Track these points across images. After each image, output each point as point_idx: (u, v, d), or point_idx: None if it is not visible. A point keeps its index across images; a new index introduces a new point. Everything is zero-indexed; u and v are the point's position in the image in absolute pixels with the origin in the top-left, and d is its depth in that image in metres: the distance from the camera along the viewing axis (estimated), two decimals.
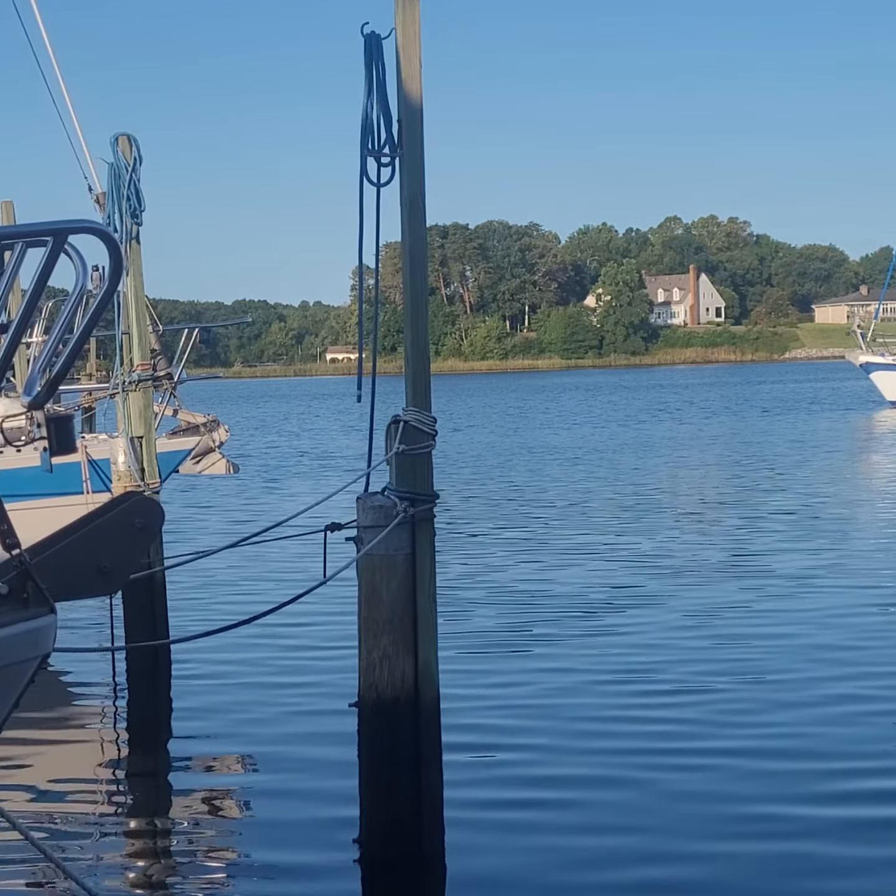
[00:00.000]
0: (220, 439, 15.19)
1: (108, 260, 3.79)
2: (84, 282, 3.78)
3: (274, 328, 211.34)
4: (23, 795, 8.59)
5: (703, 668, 11.31)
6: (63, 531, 4.09)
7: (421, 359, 6.95)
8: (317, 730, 9.82)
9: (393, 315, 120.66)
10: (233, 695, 11.01)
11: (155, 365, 12.46)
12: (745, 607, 13.99)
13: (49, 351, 3.92)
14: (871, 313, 75.71)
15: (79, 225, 3.74)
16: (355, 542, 6.96)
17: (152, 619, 11.45)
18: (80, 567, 4.09)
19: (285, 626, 12.60)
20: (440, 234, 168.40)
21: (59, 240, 3.71)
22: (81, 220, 3.78)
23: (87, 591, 4.15)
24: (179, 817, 8.33)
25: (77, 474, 13.03)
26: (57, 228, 3.71)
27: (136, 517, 4.26)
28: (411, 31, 6.74)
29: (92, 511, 4.25)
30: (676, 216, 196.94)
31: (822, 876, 6.96)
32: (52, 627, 3.90)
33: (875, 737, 9.25)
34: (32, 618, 3.80)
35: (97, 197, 12.25)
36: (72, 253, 3.77)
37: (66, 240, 3.72)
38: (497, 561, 17.77)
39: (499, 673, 11.45)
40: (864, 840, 7.40)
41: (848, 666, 11.34)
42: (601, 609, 14.13)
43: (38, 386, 3.94)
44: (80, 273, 3.77)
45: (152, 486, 11.64)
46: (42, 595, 3.83)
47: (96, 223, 3.80)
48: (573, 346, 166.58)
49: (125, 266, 10.72)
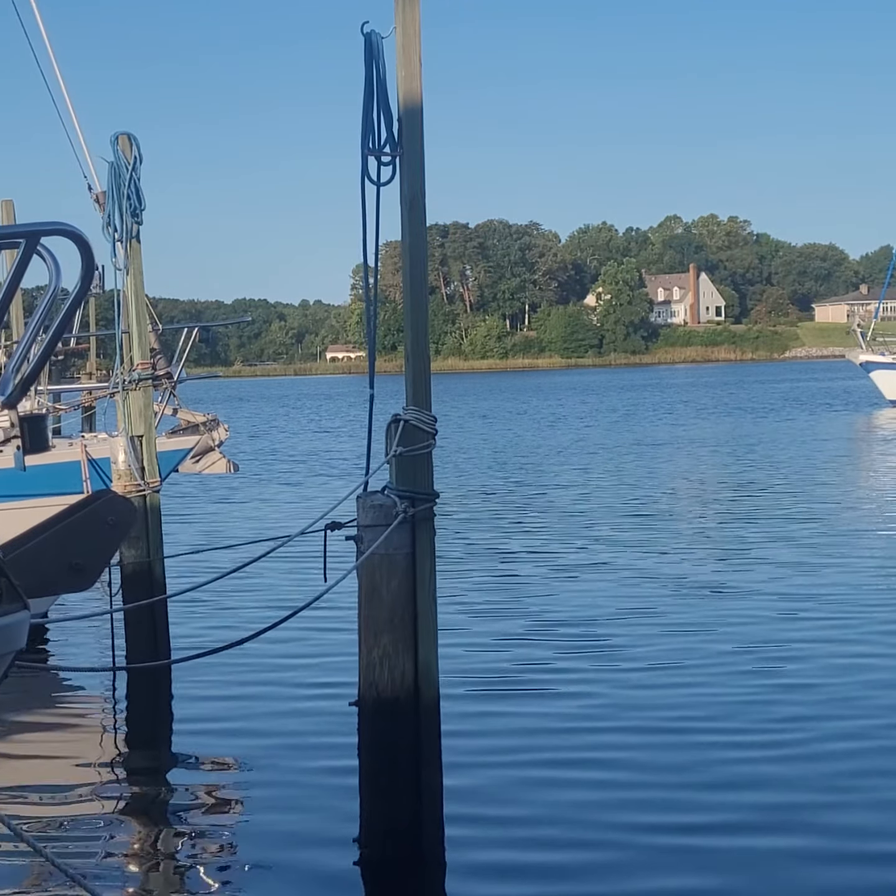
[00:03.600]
0: (220, 438, 15.16)
1: (80, 262, 3.78)
2: (57, 283, 3.78)
3: (274, 327, 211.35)
4: (23, 801, 8.59)
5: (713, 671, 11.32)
6: (36, 529, 4.12)
7: (421, 358, 6.94)
8: (317, 729, 9.82)
9: (393, 314, 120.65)
10: (231, 693, 11.01)
11: (155, 364, 12.44)
12: (744, 620, 13.99)
13: (23, 351, 3.92)
14: (871, 312, 75.66)
15: (51, 227, 3.74)
16: (355, 541, 6.96)
17: (153, 635, 11.47)
18: (53, 564, 4.14)
19: (285, 626, 12.56)
20: (440, 233, 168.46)
21: (32, 242, 3.71)
22: (53, 221, 3.78)
23: (60, 587, 4.19)
24: (179, 817, 8.32)
25: (77, 473, 13.00)
26: (29, 231, 3.71)
27: (108, 515, 4.30)
28: (411, 30, 6.74)
29: (64, 509, 4.27)
30: (676, 215, 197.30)
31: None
32: (25, 623, 3.91)
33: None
34: (5, 614, 3.81)
35: (97, 196, 12.22)
36: (45, 254, 3.77)
37: (38, 241, 3.72)
38: (497, 563, 17.77)
39: (499, 672, 11.45)
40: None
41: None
42: (601, 607, 14.13)
43: (10, 386, 3.95)
44: (53, 275, 3.77)
45: (152, 485, 11.63)
46: (15, 591, 3.83)
47: (68, 225, 3.78)
48: (573, 345, 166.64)
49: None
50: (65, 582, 4.12)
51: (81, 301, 3.93)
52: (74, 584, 4.19)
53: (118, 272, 11.59)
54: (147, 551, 11.52)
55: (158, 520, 11.74)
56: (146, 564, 11.50)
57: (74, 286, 3.87)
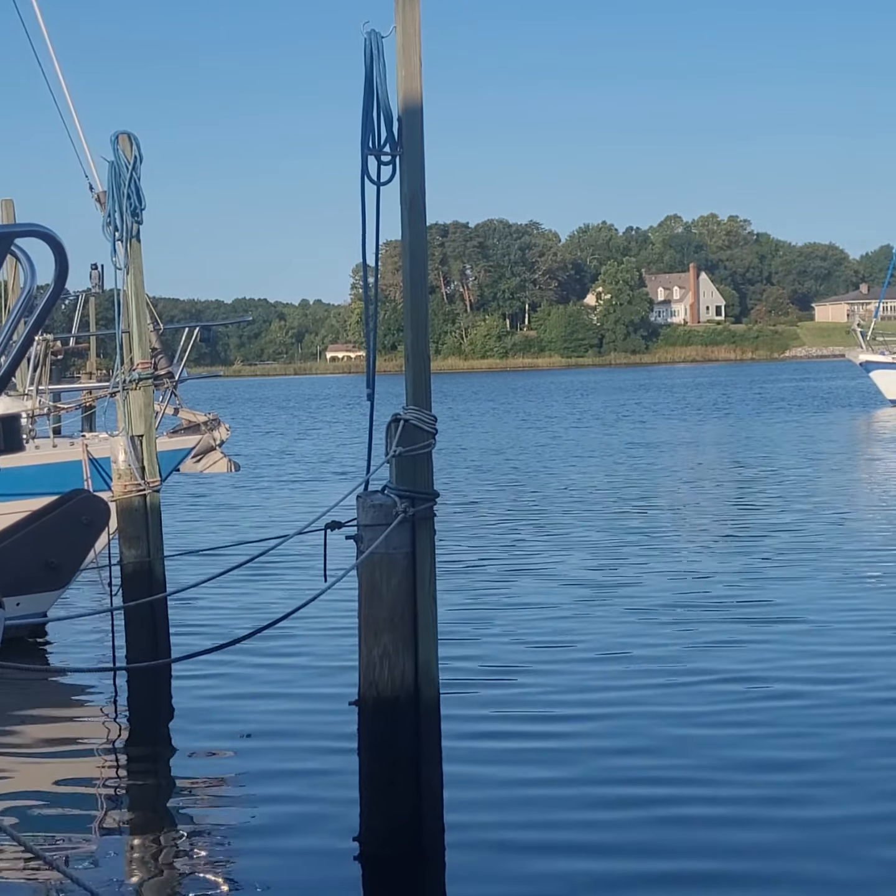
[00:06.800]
0: (221, 438, 15.17)
1: (54, 264, 3.78)
2: (32, 283, 3.79)
3: (274, 327, 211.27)
4: (23, 800, 8.60)
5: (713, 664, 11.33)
6: (10, 528, 4.14)
7: (421, 357, 6.94)
8: (317, 728, 9.83)
9: (393, 313, 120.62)
10: (232, 692, 11.01)
11: (155, 363, 12.45)
12: (743, 642, 13.98)
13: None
14: (871, 312, 75.59)
15: (24, 228, 3.75)
16: (355, 540, 6.96)
17: (154, 634, 11.47)
18: (28, 563, 4.16)
19: (285, 625, 12.57)
20: (440, 233, 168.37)
21: (5, 243, 3.72)
22: (27, 223, 3.79)
23: (35, 586, 4.21)
24: (179, 815, 8.33)
25: (78, 473, 13.01)
26: (2, 232, 3.72)
27: (83, 514, 4.33)
28: (411, 30, 6.74)
29: (39, 508, 4.31)
30: (676, 214, 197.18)
31: None
32: (0, 621, 3.91)
33: None
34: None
35: (98, 195, 12.24)
36: (20, 255, 3.77)
37: (12, 242, 3.73)
38: (496, 564, 17.78)
39: (499, 672, 11.45)
40: None
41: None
42: (601, 606, 14.13)
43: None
44: (27, 275, 3.78)
45: (153, 485, 11.63)
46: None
47: (42, 226, 3.78)
48: (573, 344, 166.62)
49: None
50: (40, 581, 4.15)
51: (55, 301, 3.94)
52: (50, 583, 4.22)
53: (118, 271, 11.60)
54: (147, 551, 11.51)
55: (158, 520, 11.74)
56: (146, 564, 11.50)
57: (48, 287, 3.87)
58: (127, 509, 11.50)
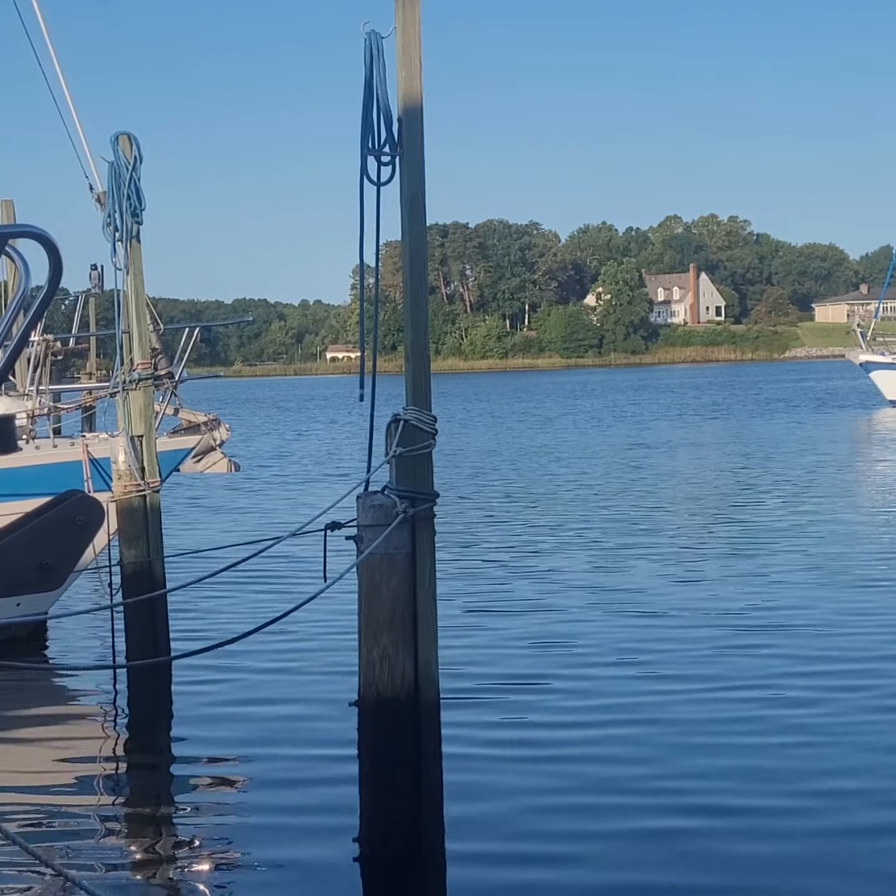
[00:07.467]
0: (221, 438, 15.17)
1: (48, 264, 3.79)
2: (26, 284, 3.79)
3: (274, 327, 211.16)
4: (22, 799, 8.60)
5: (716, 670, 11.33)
6: (3, 529, 4.15)
7: (421, 358, 6.94)
8: (317, 728, 9.83)
9: (393, 314, 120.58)
10: (231, 692, 11.02)
11: (156, 364, 12.44)
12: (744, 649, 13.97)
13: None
14: (871, 312, 75.69)
15: (18, 229, 3.76)
16: (355, 540, 6.96)
17: (153, 632, 11.46)
18: (22, 563, 4.17)
19: (285, 625, 12.58)
20: (440, 233, 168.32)
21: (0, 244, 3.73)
22: (21, 224, 3.81)
23: (29, 587, 4.22)
24: (178, 814, 8.34)
25: (78, 473, 13.01)
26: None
27: (77, 515, 4.34)
28: (411, 30, 6.74)
29: (33, 509, 4.31)
30: (676, 215, 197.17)
31: None
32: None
33: None
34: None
35: (98, 196, 12.24)
36: (14, 256, 3.78)
37: (6, 243, 3.74)
38: (497, 564, 17.77)
39: (499, 672, 11.45)
40: None
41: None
42: (600, 605, 14.13)
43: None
44: (22, 276, 3.78)
45: (153, 485, 11.63)
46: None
47: (36, 227, 3.79)
48: (573, 344, 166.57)
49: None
50: (34, 581, 4.16)
51: (50, 301, 3.94)
52: (44, 584, 4.22)
53: (118, 272, 11.60)
54: (147, 551, 11.51)
55: (158, 520, 11.74)
56: (146, 564, 11.50)
57: (42, 287, 3.87)
58: (127, 510, 11.51)
